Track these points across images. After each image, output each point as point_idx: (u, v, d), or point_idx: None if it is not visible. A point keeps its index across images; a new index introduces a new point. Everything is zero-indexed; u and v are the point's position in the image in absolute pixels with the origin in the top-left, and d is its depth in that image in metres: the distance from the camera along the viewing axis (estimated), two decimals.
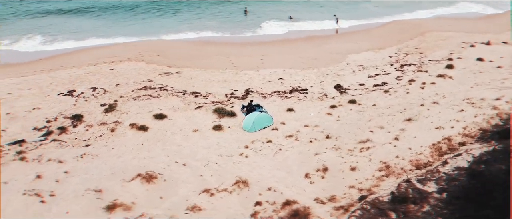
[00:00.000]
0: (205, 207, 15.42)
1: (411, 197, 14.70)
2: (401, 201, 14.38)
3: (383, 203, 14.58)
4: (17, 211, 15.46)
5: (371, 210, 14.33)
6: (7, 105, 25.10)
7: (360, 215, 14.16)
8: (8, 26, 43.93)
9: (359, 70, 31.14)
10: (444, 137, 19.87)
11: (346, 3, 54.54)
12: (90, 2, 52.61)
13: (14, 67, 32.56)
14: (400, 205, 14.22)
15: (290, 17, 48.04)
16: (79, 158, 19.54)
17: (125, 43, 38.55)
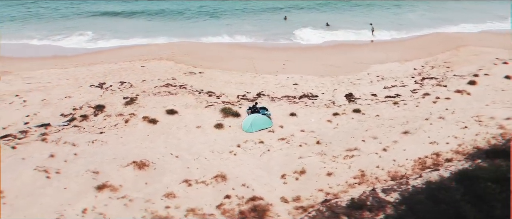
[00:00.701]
0: (180, 195, 16.93)
1: (369, 204, 15.21)
2: (357, 207, 14.94)
3: (340, 207, 15.22)
4: (24, 183, 17.91)
5: (326, 213, 15.04)
6: (45, 92, 28.39)
7: (313, 216, 14.93)
8: (67, 23, 48.81)
9: (377, 80, 31.15)
10: (434, 152, 19.85)
11: (393, 12, 53.99)
12: (144, 5, 56.56)
13: (61, 60, 36.40)
14: (356, 211, 14.79)
15: (327, 24, 48.63)
16: (90, 143, 21.88)
17: (163, 44, 41.42)
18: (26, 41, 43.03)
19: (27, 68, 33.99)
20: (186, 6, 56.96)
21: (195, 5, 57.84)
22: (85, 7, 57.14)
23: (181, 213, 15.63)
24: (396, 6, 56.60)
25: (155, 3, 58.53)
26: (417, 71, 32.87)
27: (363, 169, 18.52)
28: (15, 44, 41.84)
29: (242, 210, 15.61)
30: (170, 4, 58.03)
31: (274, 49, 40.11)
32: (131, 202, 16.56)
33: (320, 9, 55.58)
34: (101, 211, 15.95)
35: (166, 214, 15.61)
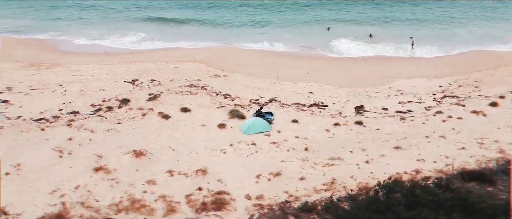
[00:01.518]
0: (159, 183, 18.96)
1: (319, 209, 16.10)
2: (307, 210, 15.89)
3: (292, 208, 16.28)
4: (40, 160, 21.05)
5: (277, 212, 16.19)
6: (84, 84, 32.16)
7: (264, 213, 16.16)
8: (124, 25, 53.82)
9: (395, 95, 31.00)
10: (415, 169, 19.95)
11: (442, 27, 52.33)
12: (199, 14, 60.19)
13: (108, 57, 40.55)
14: (305, 213, 15.77)
15: (371, 35, 48.54)
16: (105, 131, 24.74)
17: (202, 47, 44.27)
18: (84, 38, 48.17)
19: (78, 62, 38.41)
20: (238, 16, 59.44)
21: (247, 14, 60.25)
22: (143, 12, 61.95)
23: (152, 198, 17.61)
24: (449, 21, 54.48)
25: (209, 11, 61.78)
26: (442, 89, 32.08)
27: (336, 178, 19.21)
28: (75, 41, 47.12)
29: (205, 201, 17.20)
30: (223, 14, 60.86)
31: (305, 57, 41.04)
32: (117, 184, 18.88)
33: (369, 21, 55.23)
34: (90, 189, 18.43)
35: (140, 197, 17.67)
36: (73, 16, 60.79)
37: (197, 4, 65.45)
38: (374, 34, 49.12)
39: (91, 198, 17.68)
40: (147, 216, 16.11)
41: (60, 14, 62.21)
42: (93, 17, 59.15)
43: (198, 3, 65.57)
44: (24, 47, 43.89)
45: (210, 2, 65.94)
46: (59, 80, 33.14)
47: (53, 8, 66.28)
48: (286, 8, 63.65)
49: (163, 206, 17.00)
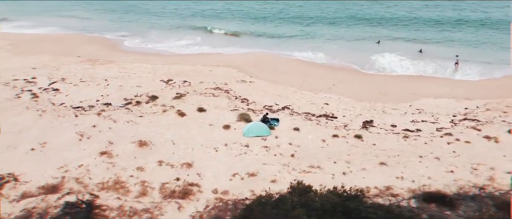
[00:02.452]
0: (147, 171, 21.58)
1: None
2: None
3: (242, 204, 17.86)
4: (63, 140, 24.88)
5: (230, 206, 17.90)
6: (125, 80, 36.17)
7: (218, 206, 17.97)
8: (182, 30, 58.44)
9: (412, 113, 30.62)
10: (387, 185, 20.37)
11: (501, 47, 49.24)
12: (256, 26, 62.95)
13: (157, 57, 44.72)
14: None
15: (421, 51, 47.65)
16: (126, 122, 28.09)
17: (242, 53, 46.71)
18: (142, 40, 53.42)
19: (129, 60, 42.93)
20: (291, 28, 61.04)
21: (300, 26, 61.72)
22: (203, 21, 66.22)
23: (134, 182, 20.26)
24: (503, 44, 50.74)
25: (265, 24, 64.11)
26: (466, 111, 30.92)
27: (304, 184, 20.23)
28: (135, 41, 52.43)
29: (175, 190, 19.42)
30: (277, 25, 62.88)
31: (339, 69, 41.54)
32: (113, 167, 21.86)
33: (423, 39, 53.60)
34: (90, 168, 21.62)
35: (125, 180, 20.43)
36: (143, 19, 66.92)
37: (256, 17, 68.15)
38: (424, 51, 47.90)
39: (87, 176, 20.79)
40: (121, 196, 18.64)
41: (132, 17, 68.78)
42: (158, 23, 64.53)
43: (258, 16, 68.21)
44: (90, 44, 49.84)
45: (268, 16, 68.28)
46: (107, 75, 37.57)
47: (128, 12, 73.44)
48: (341, 22, 63.87)
49: (139, 189, 19.52)
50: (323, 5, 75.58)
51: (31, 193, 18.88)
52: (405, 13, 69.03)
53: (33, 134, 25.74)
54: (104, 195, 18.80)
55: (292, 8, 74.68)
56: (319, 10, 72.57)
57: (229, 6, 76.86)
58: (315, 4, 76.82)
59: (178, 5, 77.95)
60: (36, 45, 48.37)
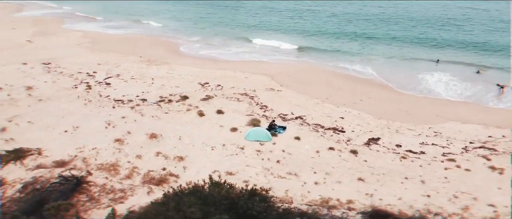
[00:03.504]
0: (144, 159, 24.82)
1: None
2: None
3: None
4: (93, 126, 29.32)
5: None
6: (168, 81, 40.37)
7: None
8: (245, 38, 61.97)
9: (427, 135, 29.94)
10: (350, 199, 21.13)
11: None
12: (321, 41, 64.40)
13: (207, 62, 48.61)
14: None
15: (478, 71, 45.76)
16: (151, 117, 31.89)
17: (285, 63, 48.59)
18: (203, 44, 57.80)
19: (181, 63, 47.37)
20: (349, 44, 61.22)
21: (359, 42, 61.68)
22: (268, 34, 69.33)
23: (127, 166, 23.60)
24: None
25: (325, 39, 65.17)
26: (487, 139, 29.30)
27: (272, 187, 21.85)
28: (195, 45, 57.12)
29: (155, 177, 22.32)
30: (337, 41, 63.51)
31: (375, 85, 41.33)
32: (119, 153, 25.51)
33: (483, 63, 50.43)
34: (100, 151, 25.52)
35: (120, 164, 23.86)
36: (214, 27, 71.97)
37: (315, 31, 68.94)
38: (482, 72, 45.44)
39: (94, 157, 24.66)
40: (109, 176, 22.06)
41: (204, 24, 74.20)
42: (224, 31, 68.96)
43: (317, 31, 69.01)
44: (155, 46, 55.58)
45: (327, 31, 68.86)
46: (156, 74, 42.19)
47: (202, 20, 79.26)
48: (404, 40, 61.98)
49: (126, 173, 22.77)
50: (390, 23, 73.65)
51: (45, 165, 23.12)
52: (477, 37, 64.46)
53: (73, 119, 30.60)
54: (97, 174, 22.35)
55: (358, 25, 74.06)
56: (385, 27, 70.92)
57: (292, 20, 78.40)
58: (381, 22, 75.26)
59: (247, 16, 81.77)
60: (110, 44, 55.32)
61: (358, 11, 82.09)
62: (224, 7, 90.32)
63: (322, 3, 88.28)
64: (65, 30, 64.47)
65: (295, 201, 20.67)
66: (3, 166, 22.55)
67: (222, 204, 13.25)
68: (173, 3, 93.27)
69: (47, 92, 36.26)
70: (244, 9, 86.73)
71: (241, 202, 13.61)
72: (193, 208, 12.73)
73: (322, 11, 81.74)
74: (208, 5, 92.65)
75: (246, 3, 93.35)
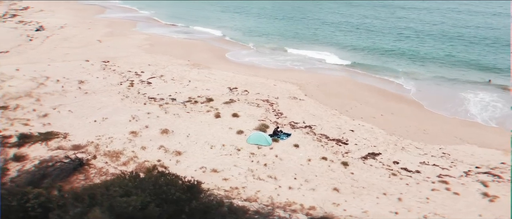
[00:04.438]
0: (147, 150, 27.89)
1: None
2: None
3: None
4: (119, 119, 33.25)
5: None
6: (202, 83, 43.59)
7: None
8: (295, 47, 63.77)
9: (433, 155, 29.28)
10: (312, 206, 22.22)
11: None
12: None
13: (245, 68, 51.15)
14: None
15: (489, 81, 44.16)
16: (172, 115, 35.15)
17: (322, 74, 49.42)
18: (249, 51, 60.59)
19: (221, 68, 50.49)
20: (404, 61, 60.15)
21: (415, 61, 60.24)
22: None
23: (129, 154, 26.85)
24: None
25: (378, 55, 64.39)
26: (497, 166, 27.96)
27: (246, 186, 23.67)
28: (242, 52, 60.09)
29: (145, 166, 25.20)
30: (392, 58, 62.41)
31: (404, 101, 40.62)
32: (129, 143, 28.97)
33: None
34: (114, 140, 29.17)
35: (124, 152, 27.17)
36: (269, 35, 74.51)
37: (369, 48, 68.49)
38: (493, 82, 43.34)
39: (106, 144, 28.36)
40: (109, 162, 25.44)
41: (264, 32, 76.91)
42: (276, 39, 71.13)
43: (371, 48, 68.42)
44: (205, 52, 59.48)
45: (382, 48, 67.81)
46: (194, 77, 45.71)
47: (263, 28, 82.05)
48: (460, 64, 58.75)
49: (125, 160, 26.00)
50: (446, 41, 69.75)
51: (64, 147, 27.24)
52: None
53: (106, 111, 34.91)
54: (100, 158, 25.89)
55: (412, 42, 71.56)
56: (442, 45, 67.30)
57: (344, 33, 77.27)
58: (437, 40, 71.81)
59: (304, 27, 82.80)
60: (167, 48, 60.34)
61: (416, 28, 79.14)
62: (288, 18, 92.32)
63: (379, 20, 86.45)
64: (134, 33, 71.22)
65: (259, 201, 22.13)
66: (31, 144, 26.99)
67: (148, 188, 15.40)
68: (242, 15, 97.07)
69: (95, 87, 41.32)
70: (303, 21, 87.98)
71: (165, 188, 15.64)
72: (117, 188, 15.07)
73: (377, 27, 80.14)
74: (269, 16, 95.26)
75: (308, 15, 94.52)
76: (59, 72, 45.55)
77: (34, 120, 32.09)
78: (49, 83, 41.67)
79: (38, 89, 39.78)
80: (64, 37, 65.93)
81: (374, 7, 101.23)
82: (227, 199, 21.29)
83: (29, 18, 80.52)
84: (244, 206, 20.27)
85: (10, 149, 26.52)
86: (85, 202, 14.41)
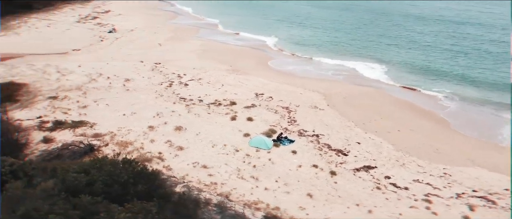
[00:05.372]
0: (155, 143, 31.19)
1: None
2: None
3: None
4: (146, 114, 37.10)
5: None
6: (233, 88, 46.18)
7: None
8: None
9: (431, 174, 28.63)
10: (277, 207, 23.70)
11: None
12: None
13: (282, 76, 52.73)
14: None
15: None
16: (194, 114, 38.26)
17: (354, 85, 49.56)
18: (293, 61, 62.11)
19: (258, 74, 52.76)
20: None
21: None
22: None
23: (137, 145, 30.29)
24: None
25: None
26: (498, 191, 26.80)
27: (224, 183, 25.77)
28: (287, 59, 61.80)
29: (144, 156, 28.35)
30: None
31: (433, 120, 39.61)
32: (143, 135, 32.49)
33: None
34: (130, 132, 32.90)
35: (135, 143, 30.67)
36: (331, 46, 75.08)
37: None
38: None
39: (122, 135, 32.17)
40: (117, 149, 29.04)
41: (326, 41, 77.65)
42: (336, 49, 71.39)
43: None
44: (251, 59, 61.99)
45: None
46: (228, 82, 48.47)
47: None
48: None
49: (132, 149, 29.44)
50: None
51: (86, 135, 31.51)
52: None
53: (137, 107, 38.97)
54: (111, 146, 29.64)
55: (469, 62, 67.49)
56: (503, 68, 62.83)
57: (407, 50, 75.32)
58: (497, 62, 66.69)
59: (365, 39, 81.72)
60: (216, 54, 63.90)
61: (480, 47, 74.11)
62: (348, 30, 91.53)
63: (444, 37, 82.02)
64: (193, 38, 76.13)
65: (231, 197, 24.03)
66: (61, 130, 31.65)
67: (104, 170, 18.17)
68: (302, 25, 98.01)
69: (138, 85, 45.95)
70: (362, 34, 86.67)
71: (117, 171, 18.27)
72: (76, 166, 18.03)
73: (439, 43, 76.26)
74: (329, 27, 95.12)
75: (370, 28, 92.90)
76: (113, 70, 51.03)
77: (73, 110, 37.03)
78: (100, 79, 47.13)
79: (89, 84, 45.31)
80: (131, 40, 72.70)
81: (445, 25, 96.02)
82: (198, 191, 23.51)
83: (107, 20, 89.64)
84: (209, 198, 22.29)
85: (43, 132, 31.28)
86: (47, 174, 17.58)
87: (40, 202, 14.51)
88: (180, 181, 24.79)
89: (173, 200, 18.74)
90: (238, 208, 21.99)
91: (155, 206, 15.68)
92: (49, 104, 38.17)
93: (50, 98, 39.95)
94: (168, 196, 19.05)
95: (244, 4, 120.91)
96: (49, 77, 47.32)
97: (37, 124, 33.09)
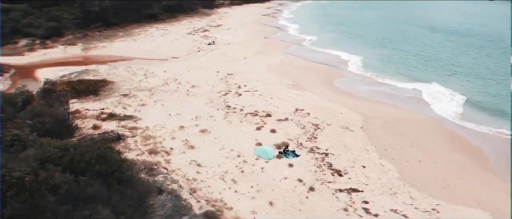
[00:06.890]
0: (174, 141, 36.33)
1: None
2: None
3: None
4: (185, 117, 42.74)
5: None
6: (281, 101, 48.81)
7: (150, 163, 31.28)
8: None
9: (416, 208, 27.55)
10: (230, 206, 26.57)
11: None
12: None
13: (339, 96, 53.60)
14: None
15: None
16: (225, 121, 42.29)
17: (410, 111, 48.05)
18: (361, 79, 61.80)
19: (316, 92, 54.32)
20: None
21: None
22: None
23: (157, 140, 35.69)
24: None
25: None
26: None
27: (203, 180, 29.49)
28: (355, 78, 61.86)
29: (154, 149, 33.54)
30: None
31: (469, 152, 36.88)
32: (170, 133, 37.93)
33: None
34: (161, 129, 38.60)
35: (156, 138, 36.23)
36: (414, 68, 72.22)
37: None
38: None
39: (153, 130, 37.98)
40: (138, 141, 34.87)
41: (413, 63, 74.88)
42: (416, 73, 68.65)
43: None
44: (319, 76, 63.37)
45: None
46: (280, 96, 50.71)
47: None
48: None
49: (150, 142, 34.97)
50: None
51: (125, 127, 38.19)
52: None
53: (185, 109, 44.53)
54: (137, 138, 35.57)
55: None
56: None
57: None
58: None
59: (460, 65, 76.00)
60: (289, 69, 66.65)
61: None
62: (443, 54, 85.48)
63: None
64: (277, 53, 79.83)
65: (199, 192, 27.58)
66: (110, 121, 38.94)
67: (78, 150, 23.51)
68: (395, 45, 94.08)
69: (200, 91, 51.89)
70: (457, 59, 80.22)
71: (86, 154, 23.35)
72: (58, 143, 23.68)
73: None
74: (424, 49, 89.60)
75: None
76: (188, 77, 58.03)
77: (132, 106, 44.41)
78: (172, 84, 54.51)
79: (160, 86, 52.88)
80: (223, 52, 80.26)
81: None
82: (173, 182, 27.61)
83: (213, 33, 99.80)
84: (172, 189, 26.21)
85: (97, 121, 38.88)
86: (36, 147, 23.56)
87: (13, 163, 20.23)
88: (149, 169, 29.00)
89: (125, 181, 23.09)
90: (194, 202, 25.31)
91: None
92: (118, 99, 46.26)
93: (123, 95, 48.19)
94: (126, 179, 23.47)
95: (367, 23, 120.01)
96: (134, 78, 56.47)
97: (98, 114, 40.92)
